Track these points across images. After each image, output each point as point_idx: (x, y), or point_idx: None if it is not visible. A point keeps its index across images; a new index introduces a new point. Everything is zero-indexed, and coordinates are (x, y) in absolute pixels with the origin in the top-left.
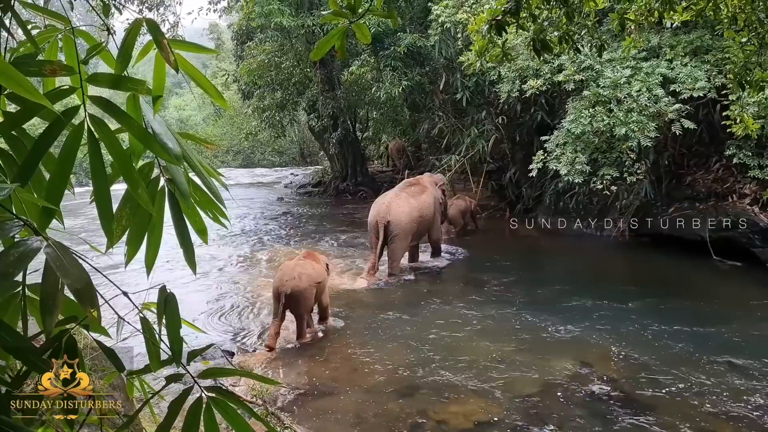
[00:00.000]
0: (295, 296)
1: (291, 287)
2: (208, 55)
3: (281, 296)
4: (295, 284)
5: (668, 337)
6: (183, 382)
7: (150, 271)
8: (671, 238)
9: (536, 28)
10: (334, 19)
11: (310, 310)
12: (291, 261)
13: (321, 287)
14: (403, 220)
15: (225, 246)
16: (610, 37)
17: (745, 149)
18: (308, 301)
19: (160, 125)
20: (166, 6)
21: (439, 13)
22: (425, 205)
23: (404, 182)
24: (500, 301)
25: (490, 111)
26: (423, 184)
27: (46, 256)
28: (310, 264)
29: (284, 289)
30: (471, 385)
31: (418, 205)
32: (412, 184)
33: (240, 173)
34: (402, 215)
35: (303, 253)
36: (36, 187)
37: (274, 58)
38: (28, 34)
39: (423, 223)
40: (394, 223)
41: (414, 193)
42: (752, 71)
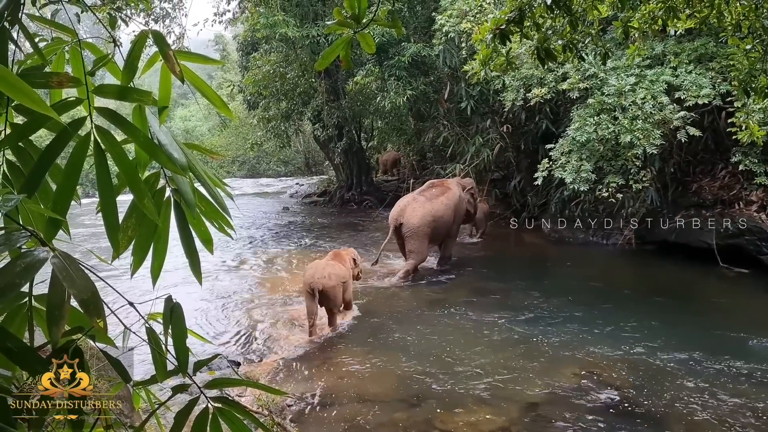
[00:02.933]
0: (325, 293)
1: (322, 285)
2: (214, 66)
3: (314, 293)
4: (325, 282)
5: (675, 345)
6: (189, 393)
7: (156, 281)
8: (677, 246)
9: (540, 37)
10: (339, 29)
11: (340, 304)
12: (321, 261)
13: (347, 285)
14: (414, 222)
15: (230, 256)
16: (614, 45)
17: (751, 156)
18: (337, 297)
19: (165, 136)
20: (171, 18)
21: (443, 23)
22: (441, 207)
23: (427, 184)
24: (505, 309)
25: (495, 120)
26: (446, 186)
27: (52, 267)
28: (337, 264)
29: (316, 286)
30: (477, 394)
31: (432, 207)
32: (435, 186)
33: (245, 183)
34: (413, 217)
35: (331, 254)
36: (43, 197)
37: (279, 69)
38: (35, 47)
39: (439, 225)
40: (405, 224)
41: (432, 195)
42: (757, 78)
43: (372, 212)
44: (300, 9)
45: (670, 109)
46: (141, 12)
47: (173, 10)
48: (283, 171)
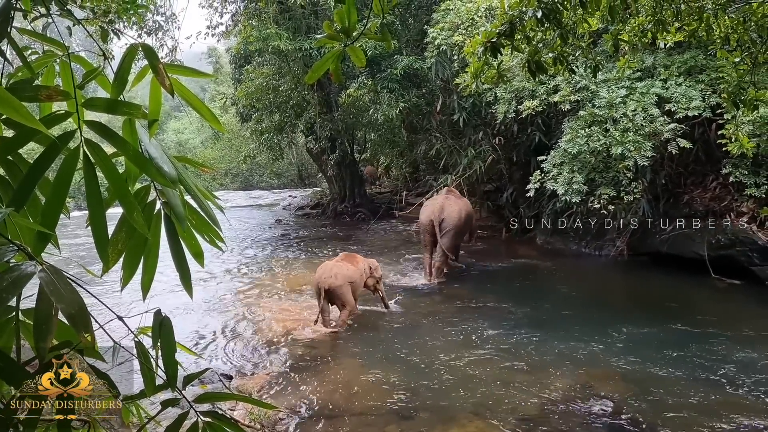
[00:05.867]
0: (331, 291)
1: (328, 284)
2: (206, 78)
3: (321, 291)
4: (332, 282)
5: (668, 356)
6: (180, 407)
7: (146, 294)
8: (670, 257)
9: (531, 50)
10: (329, 43)
11: (349, 302)
12: (330, 261)
13: (355, 286)
14: (454, 218)
15: (222, 268)
16: (605, 58)
17: (741, 167)
18: (344, 296)
19: (156, 149)
20: (164, 31)
21: (435, 36)
22: (468, 207)
23: (445, 190)
24: (499, 321)
25: (487, 132)
26: (458, 193)
27: (40, 281)
28: (345, 265)
29: (323, 285)
30: (470, 407)
31: (464, 205)
32: (451, 191)
33: (238, 195)
34: (454, 213)
35: (342, 255)
36: (32, 211)
37: (271, 81)
38: (24, 60)
39: (467, 223)
40: (447, 220)
41: (457, 197)
42: (746, 90)
43: (365, 224)
44: (292, 22)
45: (660, 121)
46: (133, 25)
47: (166, 23)
48: (276, 183)
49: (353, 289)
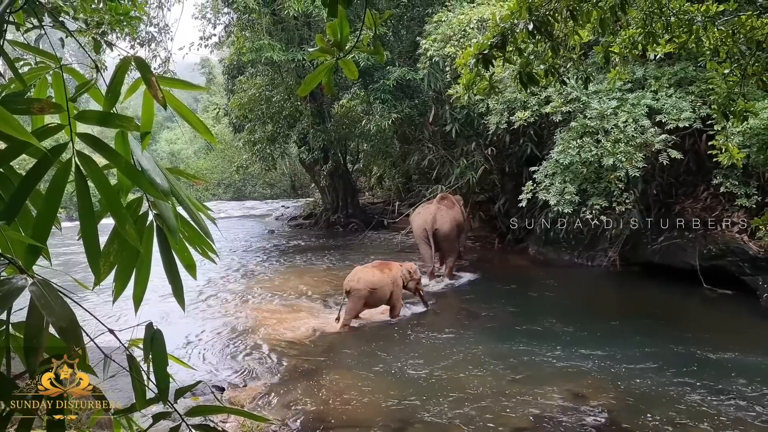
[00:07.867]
0: (352, 294)
1: (349, 287)
2: (198, 90)
3: (344, 291)
4: (353, 285)
5: (661, 366)
6: (171, 420)
7: (138, 307)
8: (661, 267)
9: (522, 62)
10: (321, 55)
11: (371, 305)
12: (361, 266)
13: (382, 292)
14: (446, 227)
15: (214, 280)
16: (596, 70)
17: (732, 178)
18: (362, 300)
19: (148, 161)
20: (157, 42)
21: (427, 47)
22: (458, 215)
23: (438, 197)
24: (491, 332)
25: (480, 142)
26: (451, 200)
27: (30, 294)
28: (373, 271)
29: (346, 286)
30: (463, 419)
31: (454, 214)
32: (444, 198)
33: (231, 206)
34: (445, 224)
35: (376, 262)
36: (23, 223)
37: (264, 92)
38: (15, 73)
39: (459, 229)
40: (440, 230)
41: (448, 206)
42: (735, 101)
43: (358, 234)
44: (285, 33)
45: (651, 132)
46: (126, 36)
47: (159, 34)
48: (269, 193)
49: (381, 294)
